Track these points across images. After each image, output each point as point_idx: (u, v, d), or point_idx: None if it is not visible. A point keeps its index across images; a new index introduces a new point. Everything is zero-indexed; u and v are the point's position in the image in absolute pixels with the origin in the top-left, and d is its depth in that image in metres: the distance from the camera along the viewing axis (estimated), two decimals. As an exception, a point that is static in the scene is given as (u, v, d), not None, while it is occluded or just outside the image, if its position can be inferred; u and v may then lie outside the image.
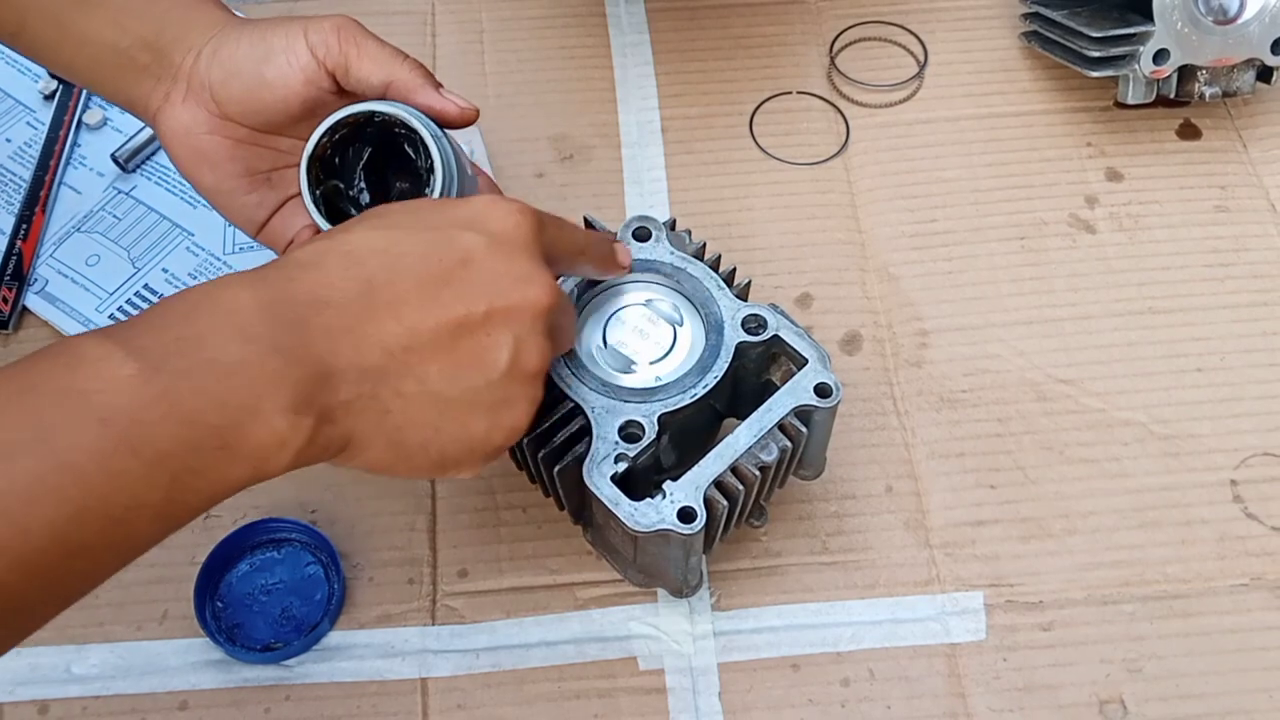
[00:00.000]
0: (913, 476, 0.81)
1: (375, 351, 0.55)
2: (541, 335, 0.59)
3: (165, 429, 0.49)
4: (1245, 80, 0.92)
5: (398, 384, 0.56)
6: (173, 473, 0.50)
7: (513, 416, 0.59)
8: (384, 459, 0.57)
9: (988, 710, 0.73)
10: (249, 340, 0.52)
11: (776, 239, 0.91)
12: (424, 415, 0.57)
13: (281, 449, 0.52)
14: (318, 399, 0.53)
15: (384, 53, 0.70)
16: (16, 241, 0.88)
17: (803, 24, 1.03)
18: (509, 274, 0.58)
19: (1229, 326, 0.87)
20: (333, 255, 0.57)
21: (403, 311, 0.56)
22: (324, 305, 0.55)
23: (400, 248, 0.57)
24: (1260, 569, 0.78)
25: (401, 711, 0.73)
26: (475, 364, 0.57)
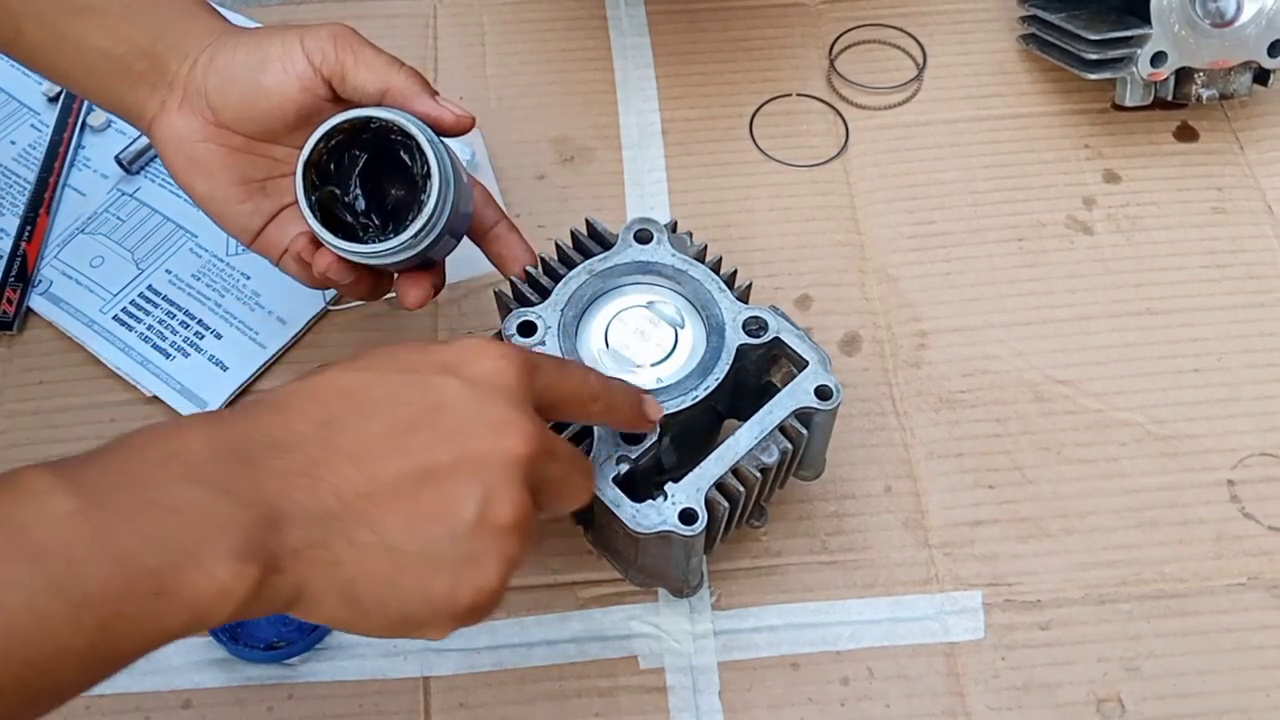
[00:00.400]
0: (912, 477, 0.81)
1: (329, 497, 0.51)
2: (516, 487, 0.53)
3: (97, 570, 0.46)
4: (1242, 83, 0.92)
5: (351, 533, 0.51)
6: (102, 619, 0.46)
7: (481, 575, 0.53)
8: (339, 614, 0.52)
9: (986, 709, 0.73)
10: (195, 481, 0.49)
11: (776, 240, 0.91)
12: (379, 569, 0.51)
13: (223, 598, 0.48)
14: (265, 545, 0.49)
15: (380, 60, 0.70)
16: (21, 243, 0.88)
17: (802, 27, 1.03)
18: (483, 421, 0.53)
19: (1226, 327, 0.87)
20: (297, 396, 0.54)
21: (363, 457, 0.52)
22: (280, 447, 0.51)
23: (369, 390, 0.54)
24: (1257, 568, 0.78)
25: (403, 710, 0.73)
26: (437, 516, 0.52)
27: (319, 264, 0.72)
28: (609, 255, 0.72)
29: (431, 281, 0.75)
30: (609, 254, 0.72)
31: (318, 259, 0.72)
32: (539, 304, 0.71)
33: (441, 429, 0.53)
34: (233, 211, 0.73)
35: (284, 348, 0.85)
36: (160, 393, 0.83)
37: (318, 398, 0.54)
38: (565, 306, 0.70)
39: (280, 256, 0.75)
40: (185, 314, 0.86)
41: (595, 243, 0.74)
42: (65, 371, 0.85)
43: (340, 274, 0.72)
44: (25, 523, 0.46)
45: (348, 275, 0.73)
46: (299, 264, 0.74)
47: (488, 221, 0.76)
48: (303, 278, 0.75)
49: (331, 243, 0.70)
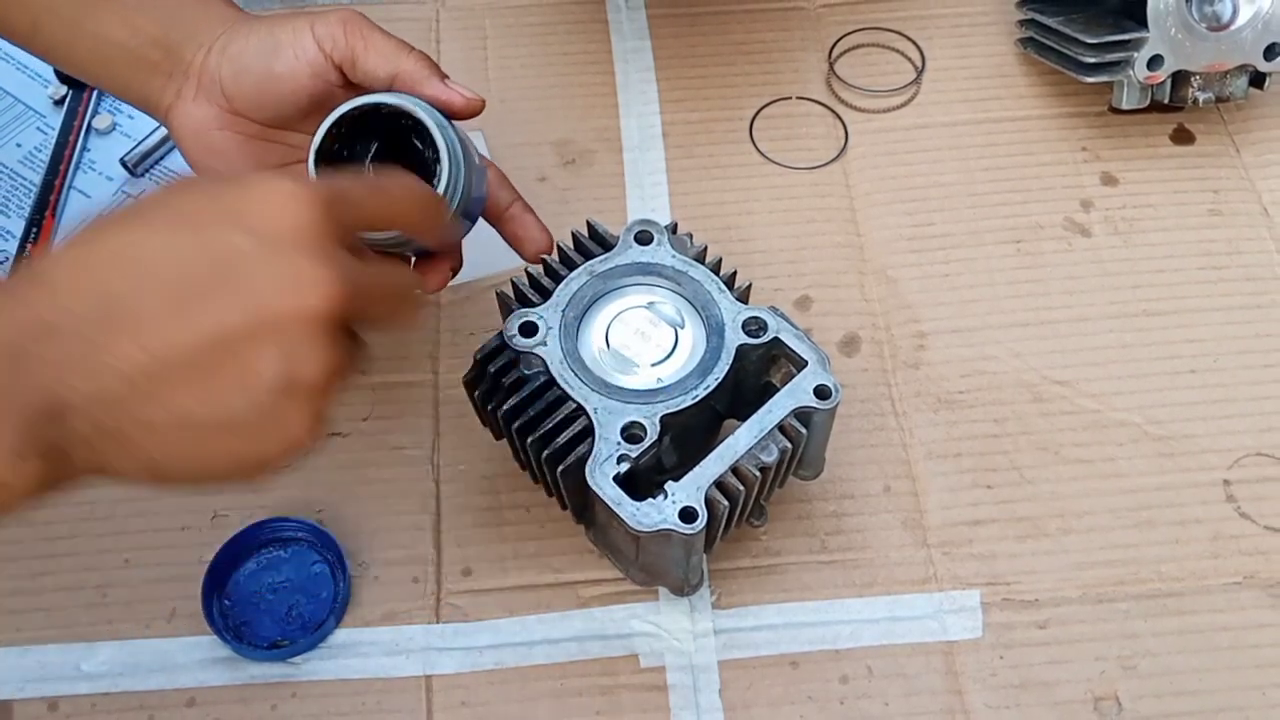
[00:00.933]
0: (910, 476, 0.81)
1: (112, 380, 0.47)
2: (319, 345, 0.50)
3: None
4: (1238, 86, 0.92)
5: (142, 413, 0.48)
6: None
7: (288, 434, 0.50)
8: (149, 480, 0.51)
9: (984, 707, 0.73)
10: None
11: (776, 242, 0.91)
12: (179, 444, 0.49)
13: (4, 492, 0.47)
14: (44, 438, 0.47)
15: (390, 45, 0.70)
16: (27, 245, 0.88)
17: (802, 30, 1.03)
18: (275, 276, 0.49)
19: (1222, 328, 0.87)
20: (67, 267, 0.49)
21: (144, 331, 0.48)
22: (52, 332, 0.48)
23: (147, 252, 0.49)
24: (1253, 568, 0.78)
25: (406, 708, 0.73)
26: (234, 385, 0.49)
27: None
28: (610, 256, 0.72)
29: (449, 264, 0.75)
30: (610, 255, 0.72)
31: None
32: (540, 305, 0.71)
33: (231, 291, 0.49)
34: None
35: (287, 348, 0.85)
36: (165, 393, 0.83)
37: (90, 268, 0.49)
38: (566, 307, 0.70)
39: None
40: (189, 315, 0.86)
41: (596, 244, 0.74)
42: None
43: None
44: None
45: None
46: None
47: (503, 203, 0.76)
48: None
49: None
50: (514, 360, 0.70)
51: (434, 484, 0.81)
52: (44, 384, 0.47)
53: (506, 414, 0.69)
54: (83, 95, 0.96)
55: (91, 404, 0.47)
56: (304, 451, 0.52)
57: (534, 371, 0.69)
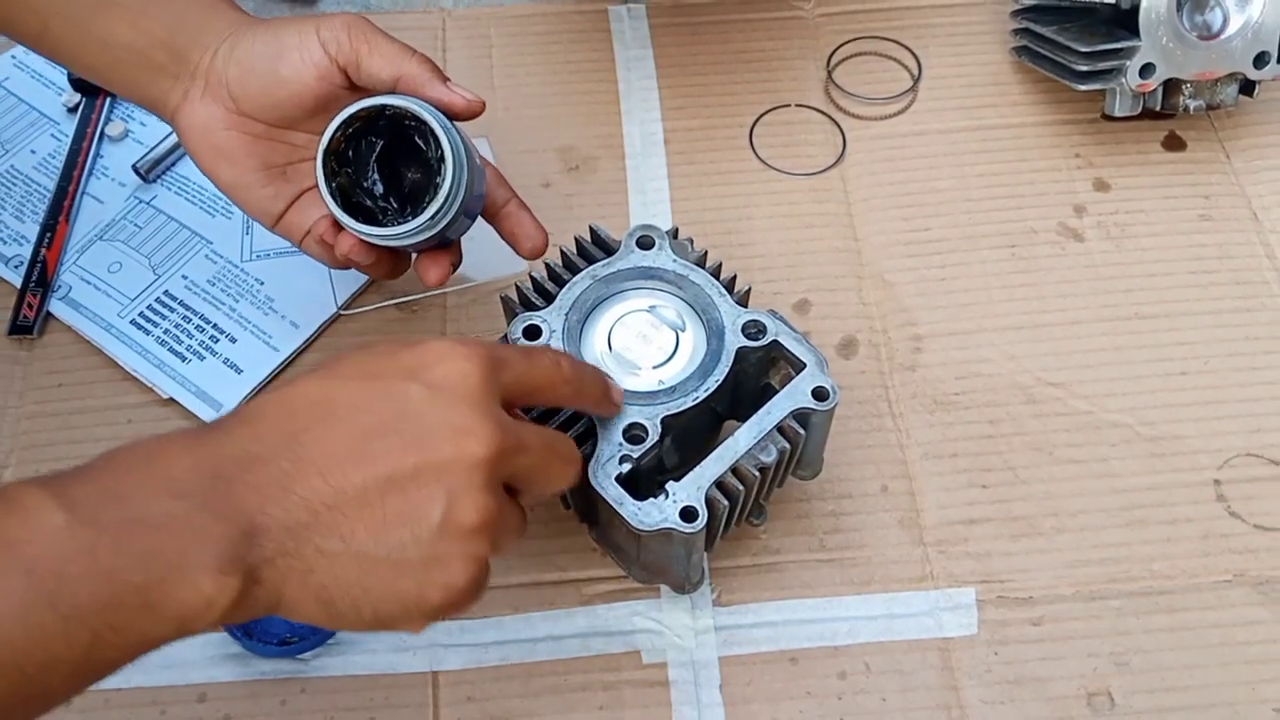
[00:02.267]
0: (907, 476, 0.81)
1: (299, 508, 0.51)
2: (479, 489, 0.53)
3: (86, 585, 0.47)
4: (1228, 93, 0.92)
5: (321, 542, 0.51)
6: (92, 630, 0.47)
7: (448, 575, 0.53)
8: (318, 616, 0.53)
9: (979, 702, 0.73)
10: (178, 497, 0.50)
11: (775, 247, 0.91)
12: (349, 574, 0.52)
13: (208, 609, 0.49)
14: (244, 557, 0.50)
15: (393, 48, 0.71)
16: (41, 249, 0.88)
17: (801, 39, 1.03)
18: (445, 426, 0.53)
19: (1213, 331, 0.87)
20: (269, 408, 0.54)
21: (329, 467, 0.52)
22: (254, 461, 0.52)
23: (336, 399, 0.54)
24: (1243, 565, 0.78)
25: (413, 704, 0.73)
26: (402, 522, 0.52)
27: (341, 246, 0.73)
28: (612, 261, 0.72)
29: (450, 260, 0.76)
30: (612, 260, 0.73)
31: (339, 242, 0.73)
32: (544, 308, 0.71)
33: (405, 436, 0.53)
34: (255, 196, 0.74)
35: (296, 351, 0.86)
36: (176, 395, 0.83)
37: (288, 409, 0.54)
38: (570, 311, 0.70)
39: (302, 238, 0.76)
40: (201, 318, 0.86)
41: (599, 249, 0.74)
42: (84, 374, 0.85)
43: (361, 255, 0.73)
44: (18, 537, 0.47)
45: (368, 256, 0.74)
46: (321, 246, 0.75)
47: (499, 201, 0.78)
48: (325, 259, 0.76)
49: (352, 226, 0.71)
50: (518, 362, 0.70)
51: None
52: (245, 508, 0.50)
53: (511, 415, 0.69)
54: (96, 102, 0.96)
55: (282, 530, 0.51)
56: (463, 602, 0.55)
57: (538, 373, 0.69)
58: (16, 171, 0.94)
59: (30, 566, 0.46)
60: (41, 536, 0.47)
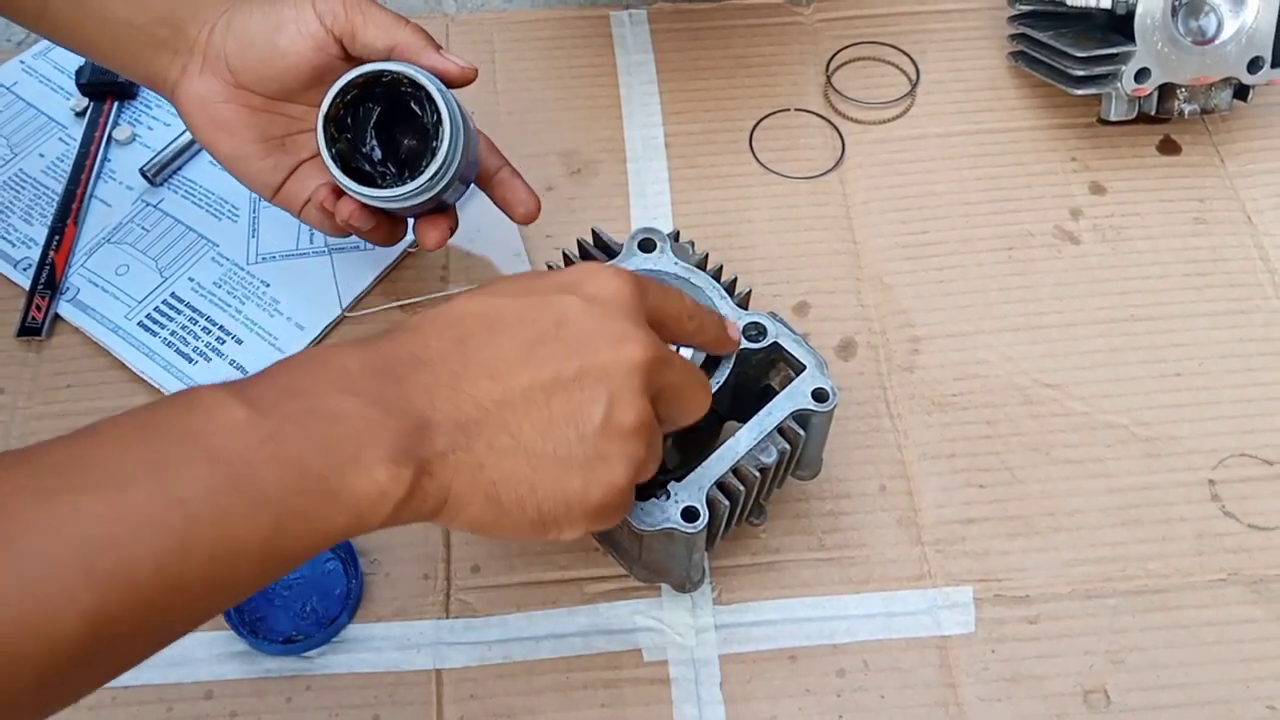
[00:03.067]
0: (905, 476, 0.81)
1: (469, 406, 0.54)
2: (637, 392, 0.56)
3: (270, 470, 0.48)
4: (1223, 98, 0.92)
5: (491, 438, 0.54)
6: (276, 515, 0.48)
7: (609, 473, 0.56)
8: (483, 516, 0.55)
9: (977, 700, 0.73)
10: (351, 394, 0.52)
11: (775, 249, 0.91)
12: (517, 470, 0.54)
13: (382, 499, 0.51)
14: (415, 451, 0.52)
15: (388, 18, 0.72)
16: (49, 252, 0.89)
17: (800, 44, 1.03)
18: (603, 333, 0.56)
19: (1207, 333, 0.87)
20: (432, 319, 0.57)
21: (497, 369, 0.54)
22: (422, 364, 0.54)
23: (498, 310, 0.56)
24: (1237, 565, 0.78)
25: (417, 701, 0.74)
26: (568, 420, 0.55)
27: (341, 211, 0.74)
28: (614, 263, 0.72)
29: (448, 224, 0.78)
30: (614, 262, 0.73)
31: (340, 207, 0.74)
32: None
33: (567, 342, 0.55)
34: (255, 168, 0.75)
35: (302, 352, 0.86)
36: (183, 396, 0.83)
37: (453, 320, 0.56)
38: (572, 313, 0.70)
39: (300, 208, 0.77)
40: (207, 320, 0.86)
41: (601, 251, 0.74)
42: (92, 375, 0.85)
43: (361, 220, 0.75)
44: (202, 430, 0.49)
45: (368, 221, 0.75)
46: (321, 213, 0.76)
47: (491, 168, 0.79)
48: (325, 227, 0.77)
49: (352, 189, 0.72)
50: (522, 364, 0.70)
51: (444, 484, 0.81)
52: (416, 405, 0.53)
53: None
54: (103, 107, 0.96)
55: (452, 425, 0.53)
56: (618, 505, 0.57)
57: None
58: (25, 175, 0.94)
59: (215, 455, 0.48)
60: (224, 428, 0.49)
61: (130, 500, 0.46)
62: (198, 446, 0.48)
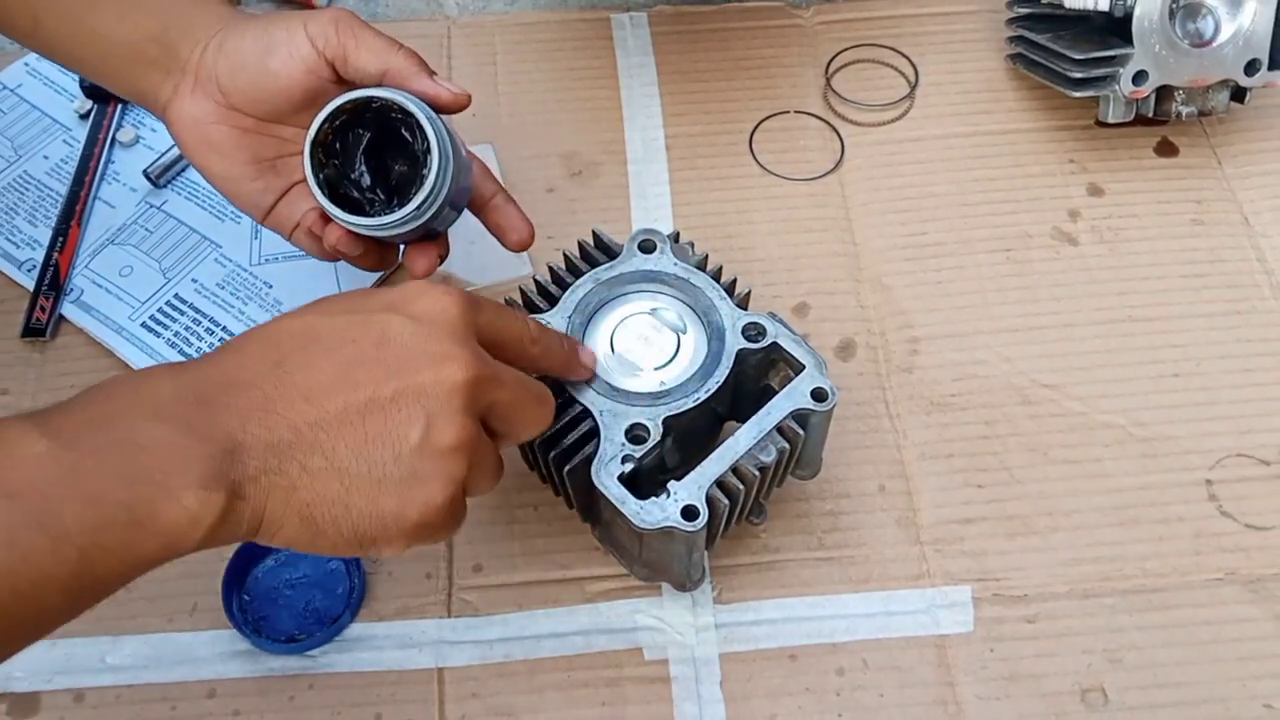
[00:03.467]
0: (904, 476, 0.81)
1: (282, 429, 0.53)
2: (457, 411, 0.55)
3: (71, 506, 0.48)
4: (1220, 100, 0.92)
5: (304, 460, 0.53)
6: (80, 548, 0.48)
7: (425, 493, 0.55)
8: (298, 536, 0.55)
9: (975, 698, 0.73)
10: (161, 420, 0.51)
11: (775, 250, 0.91)
12: (330, 491, 0.54)
13: (193, 525, 0.50)
14: (226, 474, 0.51)
15: (380, 42, 0.71)
16: (54, 253, 0.89)
17: (800, 47, 1.03)
18: (424, 352, 0.56)
19: (1205, 334, 0.87)
20: (252, 340, 0.56)
21: (312, 391, 0.54)
22: (237, 386, 0.54)
23: (317, 330, 0.56)
24: (1234, 564, 0.78)
25: (419, 700, 0.74)
26: (383, 440, 0.54)
27: (329, 238, 0.74)
28: (615, 264, 0.73)
29: (438, 251, 0.76)
30: (615, 263, 0.73)
31: (327, 233, 0.74)
32: (548, 311, 0.71)
33: (386, 362, 0.55)
34: (245, 190, 0.74)
35: (304, 353, 0.86)
36: (186, 396, 0.83)
37: (271, 340, 0.56)
38: (573, 313, 0.71)
39: (291, 231, 0.76)
40: (210, 321, 0.86)
41: (601, 253, 0.74)
42: (96, 376, 0.84)
43: (349, 246, 0.74)
44: (1, 465, 0.48)
45: (356, 248, 0.74)
46: (310, 238, 0.75)
47: (486, 194, 0.78)
48: (314, 251, 0.76)
49: (339, 217, 0.71)
50: (523, 364, 0.70)
51: (445, 483, 0.81)
52: (228, 428, 0.52)
53: (515, 416, 0.69)
54: (107, 109, 0.96)
55: (264, 447, 0.53)
56: (440, 525, 0.57)
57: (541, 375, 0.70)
58: (29, 177, 0.94)
59: (13, 490, 0.47)
60: (25, 463, 0.48)
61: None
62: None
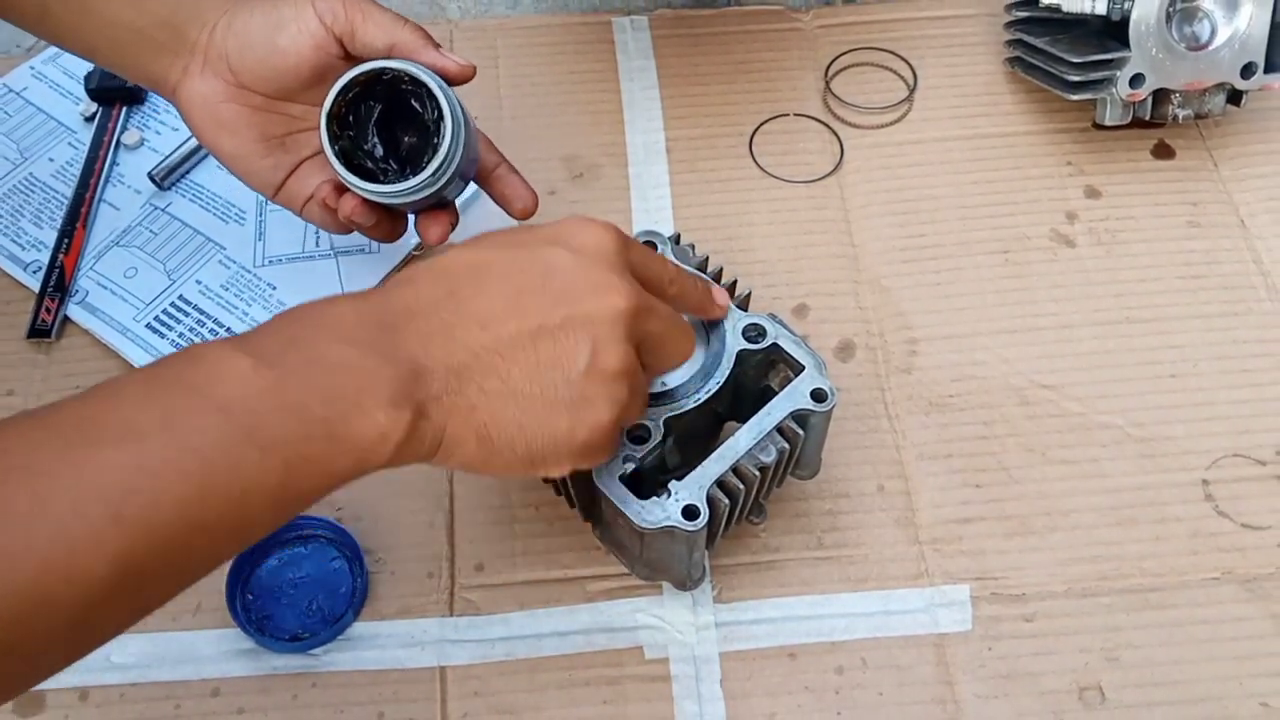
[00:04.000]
0: (903, 476, 0.81)
1: (461, 352, 0.56)
2: (620, 339, 0.59)
3: (277, 418, 0.51)
4: (1216, 103, 0.92)
5: (482, 381, 0.57)
6: (285, 459, 0.51)
7: (594, 414, 0.59)
8: (477, 455, 0.58)
9: (973, 697, 0.73)
10: (349, 343, 0.54)
11: (775, 252, 0.91)
12: (508, 411, 0.57)
13: (383, 441, 0.53)
14: (413, 394, 0.55)
15: (387, 17, 0.72)
16: (59, 255, 0.89)
17: (799, 50, 1.03)
18: (588, 282, 0.58)
19: (1201, 335, 0.87)
20: (425, 272, 0.59)
21: (486, 317, 0.57)
22: (415, 314, 0.57)
23: (487, 262, 0.59)
24: (1230, 564, 0.78)
25: (421, 698, 0.74)
26: (554, 364, 0.57)
27: (344, 208, 0.75)
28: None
29: (449, 220, 0.78)
30: (616, 265, 0.73)
31: (342, 203, 0.75)
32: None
33: (553, 291, 0.58)
34: (256, 167, 0.75)
35: (308, 354, 0.86)
36: (191, 397, 0.83)
37: (444, 272, 0.59)
38: (575, 315, 0.71)
39: (302, 206, 0.77)
40: (214, 322, 0.87)
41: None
42: (101, 377, 0.83)
43: (363, 216, 0.75)
44: (210, 381, 0.51)
45: (370, 217, 0.75)
46: (324, 210, 0.77)
47: (490, 165, 0.80)
48: (328, 224, 0.78)
49: (357, 185, 0.73)
50: (524, 365, 0.70)
51: (448, 484, 0.81)
52: (411, 352, 0.56)
53: (517, 416, 0.69)
54: (112, 112, 0.96)
55: (446, 370, 0.56)
56: (603, 445, 0.60)
57: (544, 376, 0.70)
58: (35, 179, 0.94)
59: (224, 405, 0.50)
60: (231, 380, 0.51)
61: (149, 450, 0.48)
62: (207, 398, 0.50)
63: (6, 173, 0.94)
